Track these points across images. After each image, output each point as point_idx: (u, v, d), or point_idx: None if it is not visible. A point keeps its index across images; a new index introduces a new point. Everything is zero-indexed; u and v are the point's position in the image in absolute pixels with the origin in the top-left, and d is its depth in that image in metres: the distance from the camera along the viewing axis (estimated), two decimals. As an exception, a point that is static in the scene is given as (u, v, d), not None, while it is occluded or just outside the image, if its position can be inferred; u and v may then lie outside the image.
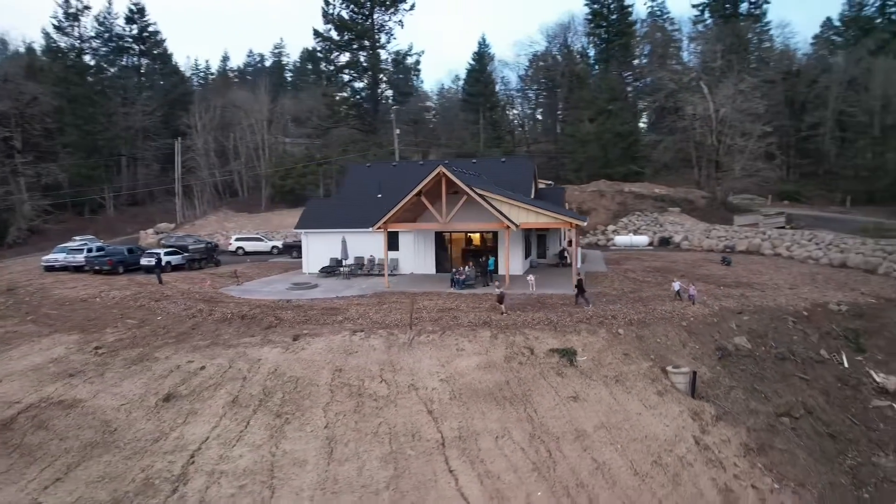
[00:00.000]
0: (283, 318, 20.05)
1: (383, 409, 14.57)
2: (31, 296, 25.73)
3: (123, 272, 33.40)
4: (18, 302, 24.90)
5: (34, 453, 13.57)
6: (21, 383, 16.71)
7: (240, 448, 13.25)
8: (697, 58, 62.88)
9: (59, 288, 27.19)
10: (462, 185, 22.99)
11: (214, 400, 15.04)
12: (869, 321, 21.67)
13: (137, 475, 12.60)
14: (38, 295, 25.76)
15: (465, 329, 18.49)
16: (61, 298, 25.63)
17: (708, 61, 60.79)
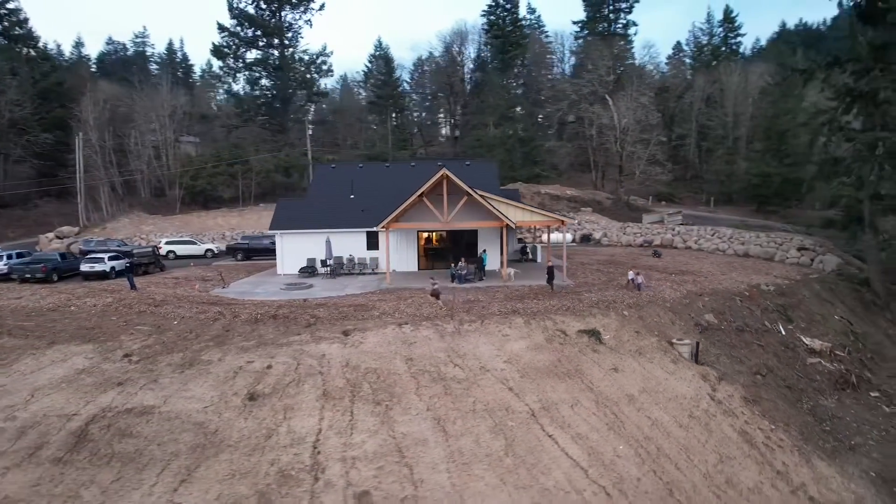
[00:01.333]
0: (318, 315, 20.40)
1: (470, 390, 16.01)
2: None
3: (58, 280, 30.63)
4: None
5: (138, 460, 13.15)
6: (64, 396, 15.62)
7: (358, 435, 13.99)
8: (589, 72, 69.44)
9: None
10: (464, 187, 24.70)
11: (304, 395, 15.42)
12: (789, 298, 26.97)
13: (269, 469, 12.88)
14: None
15: (499, 317, 20.36)
16: (20, 309, 23.33)
17: (603, 75, 67.87)
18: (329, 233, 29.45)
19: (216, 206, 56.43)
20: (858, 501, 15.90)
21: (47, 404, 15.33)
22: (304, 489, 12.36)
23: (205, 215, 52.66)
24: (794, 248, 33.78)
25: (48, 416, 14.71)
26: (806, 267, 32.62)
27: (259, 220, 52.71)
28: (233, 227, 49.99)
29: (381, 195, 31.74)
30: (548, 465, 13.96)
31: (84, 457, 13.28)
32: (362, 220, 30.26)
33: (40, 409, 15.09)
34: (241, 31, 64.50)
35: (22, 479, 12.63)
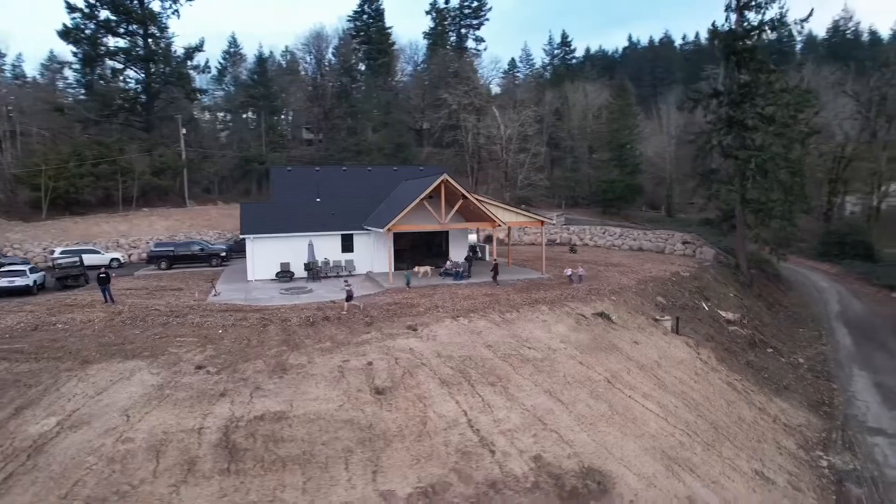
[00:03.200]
0: (372, 314, 21.03)
1: (553, 366, 18.50)
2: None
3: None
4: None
5: (311, 460, 13.35)
6: (169, 412, 14.72)
7: (499, 412, 15.68)
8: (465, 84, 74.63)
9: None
10: (463, 191, 26.71)
11: (425, 384, 16.50)
12: (700, 281, 33.75)
13: (447, 450, 14.04)
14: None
15: (527, 308, 23.04)
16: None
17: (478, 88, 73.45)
18: (307, 236, 29.09)
19: (82, 212, 49.45)
20: (808, 422, 21.76)
21: (156, 422, 14.42)
22: (489, 461, 13.87)
23: (82, 221, 45.88)
24: (680, 242, 41.68)
25: (171, 433, 13.97)
26: (690, 257, 40.51)
27: (152, 226, 47.71)
28: (122, 233, 44.47)
29: (346, 198, 32.11)
30: (642, 418, 17.16)
31: (250, 465, 13.16)
32: (335, 224, 30.36)
33: (153, 427, 14.19)
34: (97, 12, 56.81)
35: (205, 493, 12.26)
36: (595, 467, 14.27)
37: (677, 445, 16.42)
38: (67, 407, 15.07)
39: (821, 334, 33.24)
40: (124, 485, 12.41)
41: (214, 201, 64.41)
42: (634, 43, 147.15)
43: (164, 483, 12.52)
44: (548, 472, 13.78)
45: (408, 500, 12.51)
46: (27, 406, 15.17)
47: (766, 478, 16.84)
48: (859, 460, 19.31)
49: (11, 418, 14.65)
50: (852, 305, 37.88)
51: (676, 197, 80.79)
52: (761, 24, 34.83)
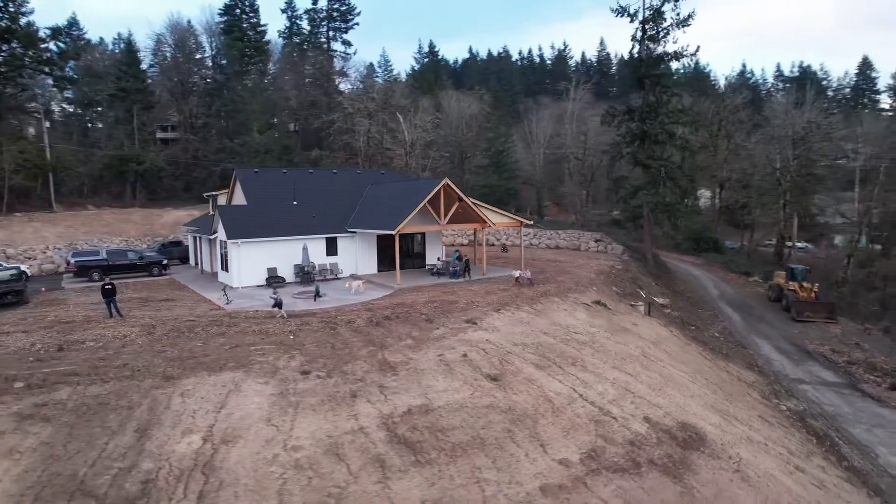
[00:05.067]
0: (424, 312, 21.83)
1: (605, 347, 21.29)
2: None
3: None
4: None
5: (486, 443, 14.42)
6: (311, 419, 14.73)
7: (596, 386, 17.94)
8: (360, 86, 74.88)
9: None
10: (460, 194, 28.22)
11: (525, 369, 18.15)
12: (630, 273, 39.18)
13: (582, 421, 15.97)
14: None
15: (543, 299, 25.62)
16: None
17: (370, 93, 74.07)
18: (293, 240, 28.13)
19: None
20: (756, 379, 27.40)
21: (311, 427, 14.44)
22: (616, 426, 16.19)
23: None
24: (592, 240, 47.40)
25: (336, 436, 14.20)
26: (604, 254, 46.37)
27: (38, 234, 40.82)
28: (4, 242, 37.35)
29: (320, 201, 31.57)
30: (682, 382, 20.79)
31: (435, 455, 13.97)
32: (317, 227, 29.74)
33: (312, 432, 14.25)
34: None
35: (414, 484, 12.92)
36: (685, 422, 17.34)
37: (715, 401, 20.29)
38: (199, 423, 14.16)
39: (715, 313, 40.70)
40: (331, 487, 12.50)
41: (84, 205, 56.52)
42: (474, 55, 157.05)
43: (368, 481, 12.82)
44: (660, 429, 16.50)
45: (582, 464, 14.33)
46: (148, 427, 13.94)
47: (766, 420, 21.47)
48: (803, 403, 25.10)
49: (142, 440, 13.45)
50: (726, 290, 46.68)
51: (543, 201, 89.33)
52: (661, 56, 41.54)
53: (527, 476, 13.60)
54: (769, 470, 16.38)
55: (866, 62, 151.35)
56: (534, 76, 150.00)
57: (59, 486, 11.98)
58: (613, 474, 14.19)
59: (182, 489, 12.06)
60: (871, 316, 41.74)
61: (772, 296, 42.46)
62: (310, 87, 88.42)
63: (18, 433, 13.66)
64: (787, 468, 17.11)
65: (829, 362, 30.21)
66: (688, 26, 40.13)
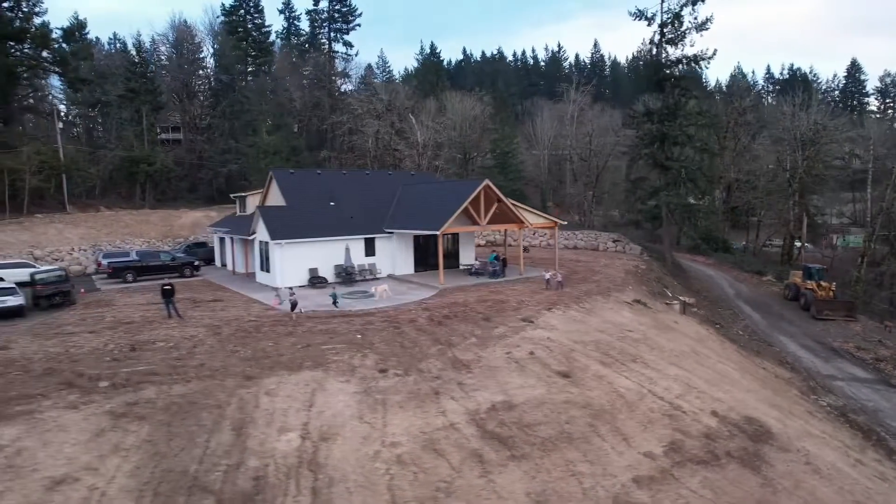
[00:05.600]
0: (480, 311, 22.18)
1: (657, 343, 21.73)
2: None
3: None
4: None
5: (573, 437, 14.81)
6: (400, 416, 15.03)
7: (661, 382, 18.35)
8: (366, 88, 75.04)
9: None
10: (499, 194, 28.58)
11: (592, 366, 18.54)
12: (654, 273, 39.75)
13: (657, 416, 16.38)
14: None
15: (587, 298, 26.03)
16: (79, 358, 17.40)
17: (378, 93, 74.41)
18: (334, 241, 28.36)
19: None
20: (790, 375, 28.01)
21: (405, 424, 14.79)
22: (689, 420, 16.60)
23: None
24: (610, 240, 47.97)
25: (429, 432, 14.53)
26: (623, 254, 46.96)
27: (62, 235, 40.53)
28: (30, 244, 37.08)
29: (356, 202, 31.78)
30: (734, 377, 21.31)
31: (528, 449, 14.31)
32: (356, 227, 29.95)
33: (406, 429, 14.60)
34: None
35: (516, 477, 13.25)
36: (749, 416, 17.80)
37: (766, 396, 20.80)
38: (292, 422, 14.41)
39: (735, 312, 41.36)
40: (438, 482, 12.80)
41: (97, 206, 56.06)
42: (468, 55, 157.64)
43: (471, 475, 13.14)
44: (729, 423, 16.95)
45: (666, 456, 14.73)
46: (243, 426, 14.18)
47: (814, 415, 22.01)
48: (841, 398, 25.71)
49: (242, 438, 13.69)
50: (741, 289, 47.42)
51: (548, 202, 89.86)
52: (679, 59, 42.19)
53: (618, 468, 13.97)
54: (835, 462, 16.87)
55: (855, 65, 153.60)
56: (528, 78, 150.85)
57: (174, 482, 12.19)
58: (697, 466, 14.59)
59: (293, 486, 12.31)
60: (884, 314, 42.63)
61: (788, 294, 43.20)
62: (313, 89, 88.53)
63: (118, 431, 13.84)
64: (848, 461, 17.62)
65: (857, 359, 30.89)
66: (706, 30, 40.81)
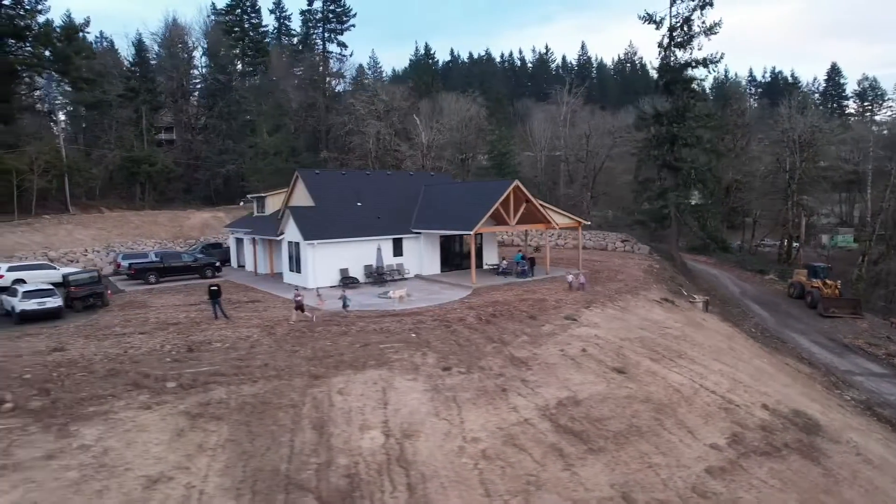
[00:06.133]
0: (524, 310, 22.50)
1: (696, 340, 22.28)
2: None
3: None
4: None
5: (641, 431, 15.22)
6: (473, 412, 15.31)
7: (709, 377, 18.86)
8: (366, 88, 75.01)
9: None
10: (528, 195, 28.95)
11: (643, 363, 18.99)
12: (667, 273, 40.43)
13: (713, 409, 16.88)
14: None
15: (619, 297, 26.51)
16: (139, 358, 17.38)
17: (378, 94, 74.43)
18: (364, 241, 28.48)
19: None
20: (811, 371, 28.79)
21: (480, 420, 15.06)
22: (743, 413, 17.12)
23: None
24: (619, 240, 48.68)
25: (506, 428, 14.84)
26: (631, 253, 47.70)
27: (72, 236, 39.94)
28: (44, 245, 36.45)
29: (382, 202, 31.91)
30: (770, 372, 21.94)
31: (602, 443, 14.69)
32: (383, 227, 30.07)
33: (483, 425, 14.90)
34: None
35: (597, 469, 13.62)
36: (796, 409, 18.40)
37: (803, 390, 21.47)
38: (371, 420, 14.62)
39: (743, 310, 42.28)
40: (525, 476, 13.11)
41: (98, 207, 55.23)
42: (456, 57, 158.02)
43: (555, 469, 13.48)
44: (779, 416, 17.51)
45: (731, 448, 15.20)
46: (324, 424, 14.37)
47: (844, 409, 22.75)
48: (864, 393, 26.54)
49: (324, 436, 13.84)
50: (746, 288, 48.45)
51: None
52: (689, 62, 43.07)
53: (689, 460, 14.41)
54: (882, 454, 17.55)
55: (835, 68, 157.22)
56: (516, 79, 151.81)
57: (268, 480, 12.32)
58: (761, 457, 15.10)
59: (387, 482, 12.51)
60: (884, 311, 43.90)
61: (793, 293, 44.25)
62: (307, 89, 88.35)
63: (198, 431, 13.89)
64: (893, 452, 18.30)
65: (870, 355, 31.84)
66: (715, 34, 41.73)
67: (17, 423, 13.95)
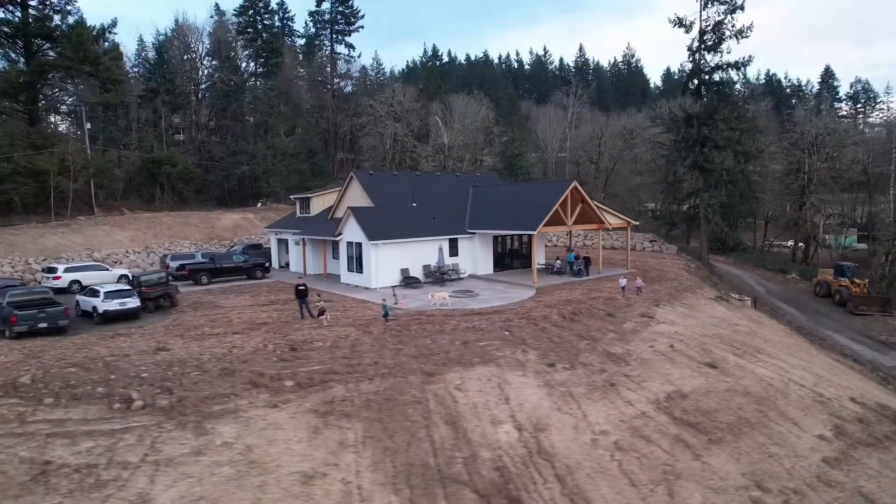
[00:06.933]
0: (600, 308, 23.00)
1: (766, 336, 22.91)
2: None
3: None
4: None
5: (751, 422, 15.78)
6: (594, 406, 15.76)
7: (792, 371, 19.45)
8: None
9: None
10: (584, 195, 29.48)
11: (731, 358, 19.58)
12: (703, 272, 41.10)
13: (809, 402, 17.49)
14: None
15: (681, 296, 27.08)
16: (260, 359, 17.64)
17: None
18: (425, 241, 28.89)
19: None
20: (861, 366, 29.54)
21: (603, 413, 15.44)
22: (836, 406, 17.73)
23: (18, 232, 36.23)
24: (647, 240, 49.38)
25: (626, 420, 15.23)
26: (660, 253, 48.45)
27: (111, 237, 39.85)
28: (86, 246, 36.35)
29: (434, 203, 32.26)
30: (840, 368, 22.60)
31: (720, 434, 15.28)
32: (439, 228, 30.43)
33: (606, 418, 15.32)
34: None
35: (723, 458, 14.10)
36: (880, 402, 19.06)
37: (876, 382, 22.15)
38: (499, 415, 15.07)
39: (772, 308, 43.12)
40: (662, 466, 13.64)
41: (119, 209, 54.98)
42: (453, 58, 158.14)
43: (686, 458, 14.00)
44: (868, 408, 18.14)
45: (837, 439, 15.79)
46: (455, 420, 14.74)
47: (906, 402, 23.44)
48: (915, 387, 27.32)
49: (459, 432, 14.18)
50: (770, 287, 49.32)
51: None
52: (719, 65, 43.84)
53: (804, 450, 14.98)
54: (967, 444, 18.20)
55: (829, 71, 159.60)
56: (514, 81, 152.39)
57: (420, 475, 12.70)
58: (867, 448, 15.69)
59: (535, 474, 12.94)
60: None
61: (819, 291, 45.14)
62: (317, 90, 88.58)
63: (333, 428, 14.22)
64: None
65: (910, 351, 32.71)
66: (746, 38, 42.50)
67: (151, 420, 14.21)
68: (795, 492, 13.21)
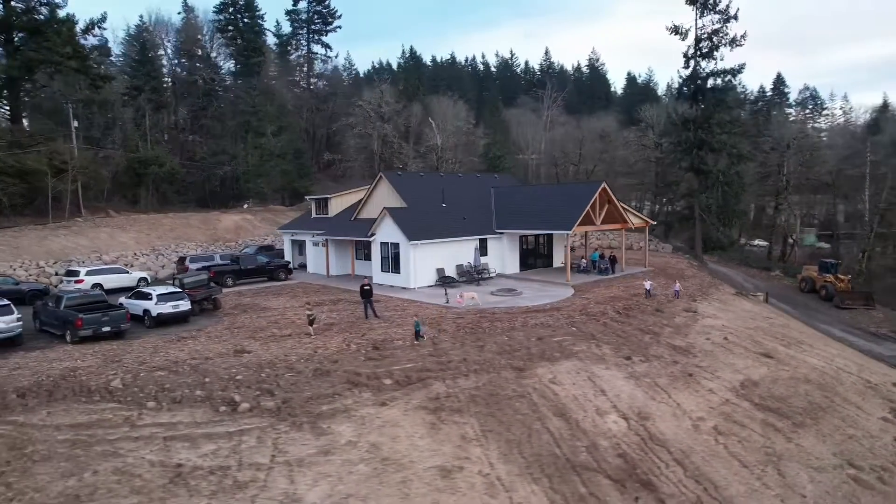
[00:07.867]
0: (646, 303, 23.99)
1: (797, 328, 24.40)
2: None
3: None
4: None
5: (821, 407, 17.00)
6: (683, 395, 16.64)
7: (836, 360, 20.95)
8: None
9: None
10: (611, 196, 30.51)
11: (780, 349, 20.86)
12: (705, 270, 42.92)
13: (862, 388, 18.88)
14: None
15: (711, 296, 28.41)
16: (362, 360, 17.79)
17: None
18: (460, 241, 29.29)
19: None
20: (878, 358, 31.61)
21: (690, 404, 16.30)
22: (885, 391, 19.18)
23: (20, 235, 34.47)
24: (642, 239, 51.16)
25: (714, 409, 16.19)
26: (657, 252, 50.26)
27: (114, 239, 38.39)
28: (92, 249, 34.96)
29: (461, 203, 32.69)
30: (862, 357, 24.28)
31: (801, 419, 16.37)
32: (469, 228, 30.84)
33: (695, 406, 16.24)
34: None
35: (810, 439, 15.24)
36: (913, 387, 20.69)
37: (897, 372, 23.89)
38: (602, 406, 15.78)
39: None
40: (763, 448, 14.57)
41: (105, 210, 52.97)
42: (419, 58, 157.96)
43: (780, 441, 15.06)
44: (909, 393, 19.71)
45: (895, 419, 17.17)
46: (563, 412, 15.32)
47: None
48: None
49: (570, 423, 14.79)
50: (757, 283, 51.61)
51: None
52: (714, 72, 45.92)
53: (875, 431, 16.27)
54: None
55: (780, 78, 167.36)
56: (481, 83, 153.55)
57: (552, 464, 13.27)
58: (923, 428, 17.11)
59: (656, 458, 13.70)
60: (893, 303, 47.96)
61: (804, 287, 47.70)
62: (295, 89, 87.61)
63: (449, 424, 14.58)
64: None
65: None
66: (739, 46, 44.68)
67: (262, 422, 14.23)
68: (884, 469, 14.38)
